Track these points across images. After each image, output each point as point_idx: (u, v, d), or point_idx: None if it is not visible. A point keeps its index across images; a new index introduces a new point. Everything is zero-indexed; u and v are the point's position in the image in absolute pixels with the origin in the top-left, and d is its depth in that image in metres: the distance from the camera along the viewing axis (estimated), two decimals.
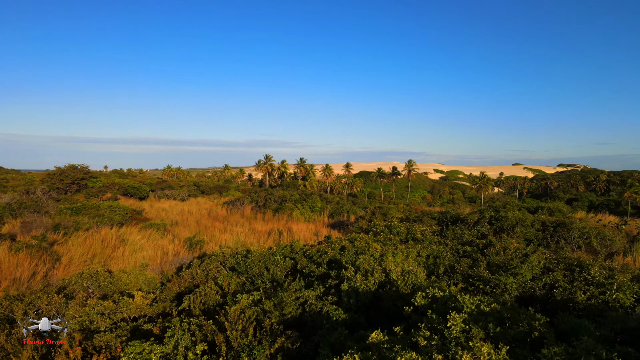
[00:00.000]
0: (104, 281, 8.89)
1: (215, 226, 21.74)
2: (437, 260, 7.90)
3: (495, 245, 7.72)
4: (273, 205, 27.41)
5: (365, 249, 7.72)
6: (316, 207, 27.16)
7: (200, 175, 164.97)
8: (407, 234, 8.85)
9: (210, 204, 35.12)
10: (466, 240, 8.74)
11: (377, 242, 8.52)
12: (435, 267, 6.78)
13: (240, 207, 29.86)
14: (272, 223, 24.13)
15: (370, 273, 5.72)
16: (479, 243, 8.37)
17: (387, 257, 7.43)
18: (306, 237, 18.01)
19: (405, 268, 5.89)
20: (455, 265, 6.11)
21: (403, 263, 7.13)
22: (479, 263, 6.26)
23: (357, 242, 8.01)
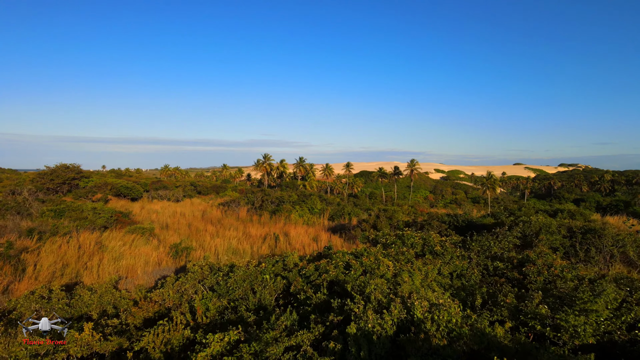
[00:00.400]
0: (59, 303, 7.39)
1: (207, 230, 20.23)
2: (462, 280, 6.40)
3: (536, 262, 6.23)
4: (270, 207, 25.90)
5: (375, 266, 6.22)
6: (315, 208, 25.66)
7: (199, 175, 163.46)
8: (424, 245, 7.36)
9: (205, 205, 33.61)
10: (495, 254, 7.26)
11: (388, 256, 7.02)
12: (466, 293, 5.29)
13: (236, 209, 28.34)
14: (269, 226, 22.62)
15: (386, 307, 4.26)
16: (513, 258, 6.87)
17: (402, 277, 5.92)
18: (304, 243, 16.50)
19: (431, 298, 4.41)
20: (499, 297, 4.65)
21: (424, 287, 5.63)
22: (531, 294, 4.76)
23: (365, 258, 6.50)
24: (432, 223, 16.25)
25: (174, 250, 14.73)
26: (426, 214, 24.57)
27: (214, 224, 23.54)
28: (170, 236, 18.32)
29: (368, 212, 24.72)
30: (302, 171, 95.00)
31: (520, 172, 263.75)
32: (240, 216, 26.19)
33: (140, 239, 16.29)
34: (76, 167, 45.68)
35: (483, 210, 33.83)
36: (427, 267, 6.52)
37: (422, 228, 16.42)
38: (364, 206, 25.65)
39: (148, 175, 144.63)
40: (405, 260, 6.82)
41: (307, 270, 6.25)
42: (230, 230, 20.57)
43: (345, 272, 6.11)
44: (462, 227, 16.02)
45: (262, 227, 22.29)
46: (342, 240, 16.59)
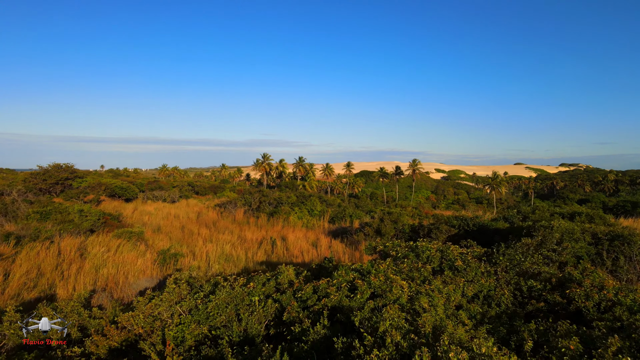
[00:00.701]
0: (10, 328, 6.24)
1: (201, 234, 19.10)
2: (493, 305, 5.28)
3: (582, 283, 5.08)
4: (268, 209, 24.76)
5: (386, 288, 5.10)
6: (315, 210, 24.52)
7: (199, 174, 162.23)
8: (442, 259, 6.23)
9: (201, 206, 32.47)
10: (527, 270, 6.12)
11: (400, 273, 5.88)
12: (507, 329, 4.17)
13: (233, 210, 27.21)
14: (266, 229, 21.49)
15: (408, 354, 3.16)
16: (550, 276, 5.73)
17: (420, 302, 4.78)
18: (303, 249, 15.35)
19: (464, 340, 3.30)
20: (559, 342, 3.51)
21: (450, 318, 4.51)
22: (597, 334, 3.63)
23: (373, 276, 5.36)
24: (441, 227, 15.12)
25: (161, 257, 13.59)
26: (431, 216, 23.45)
27: (208, 226, 22.42)
28: (161, 240, 17.19)
29: (370, 215, 23.57)
30: (301, 171, 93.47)
31: (521, 172, 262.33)
32: (237, 218, 25.06)
33: (126, 245, 15.14)
34: (70, 166, 44.57)
35: (488, 211, 32.66)
36: (449, 288, 5.40)
37: (429, 233, 15.29)
38: (366, 208, 24.51)
39: (147, 175, 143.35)
40: (421, 279, 5.69)
41: (304, 292, 5.12)
42: (225, 233, 19.44)
43: (350, 296, 5.00)
44: (473, 232, 14.88)
45: (259, 230, 21.16)
46: (344, 246, 15.44)
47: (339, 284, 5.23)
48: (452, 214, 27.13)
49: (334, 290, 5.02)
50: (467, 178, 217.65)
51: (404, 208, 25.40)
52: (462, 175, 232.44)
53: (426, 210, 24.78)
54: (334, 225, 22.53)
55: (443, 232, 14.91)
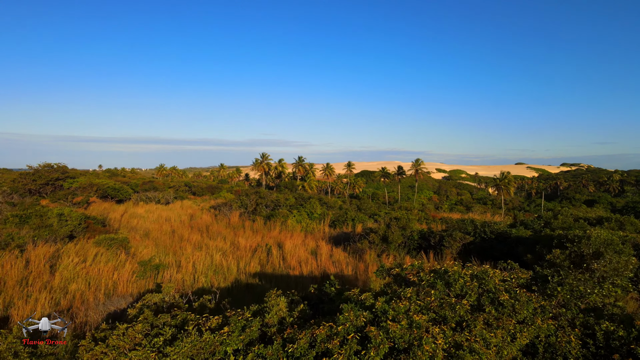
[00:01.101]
0: None
1: (191, 240, 17.58)
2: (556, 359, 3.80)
3: None
4: (264, 212, 23.27)
5: (412, 339, 3.61)
6: (315, 213, 23.03)
7: (197, 174, 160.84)
8: (480, 289, 4.72)
9: (195, 208, 30.96)
10: (595, 305, 4.62)
11: (427, 310, 4.38)
12: None
13: (228, 213, 25.72)
14: (262, 234, 19.99)
15: None
16: (629, 317, 4.25)
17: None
18: (301, 258, 13.84)
19: None
20: None
21: None
22: None
23: (392, 322, 3.86)
24: (454, 235, 13.60)
25: (141, 270, 12.09)
26: (439, 220, 21.94)
27: (201, 231, 20.92)
28: (146, 248, 15.67)
29: (374, 218, 22.06)
30: (301, 171, 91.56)
31: (522, 171, 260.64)
32: (232, 222, 23.56)
33: (105, 254, 13.62)
34: (61, 166, 43.11)
35: (496, 214, 31.17)
36: (496, 334, 3.93)
37: (441, 241, 13.78)
38: (369, 211, 23.01)
39: (145, 174, 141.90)
40: (456, 319, 4.21)
41: (298, 347, 3.64)
42: (217, 239, 17.94)
43: (361, 353, 3.51)
44: (490, 240, 13.36)
45: (255, 235, 19.66)
46: (346, 255, 13.93)
47: (345, 333, 3.74)
48: (460, 217, 25.62)
49: (337, 345, 3.54)
50: (468, 178, 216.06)
51: (410, 211, 23.88)
52: (463, 175, 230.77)
53: (433, 213, 23.27)
54: (335, 230, 21.03)
55: (457, 239, 13.41)
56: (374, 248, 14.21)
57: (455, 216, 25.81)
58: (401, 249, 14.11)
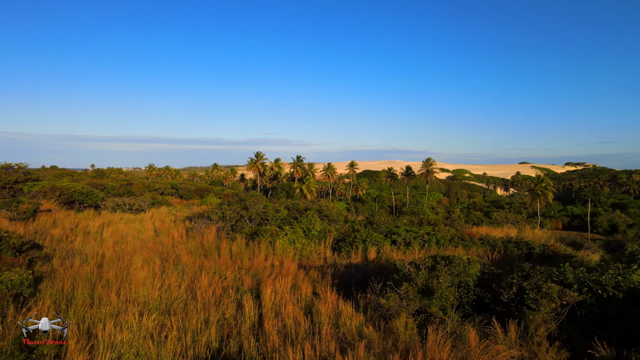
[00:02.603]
0: None
1: (133, 278, 12.13)
2: None
3: None
4: (247, 228, 17.90)
5: None
6: (314, 230, 17.66)
7: (193, 174, 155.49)
8: None
9: (168, 219, 25.55)
10: None
11: None
12: None
13: (204, 227, 20.32)
14: (240, 263, 14.55)
15: None
16: None
17: None
18: (289, 324, 8.42)
19: None
20: None
21: None
22: None
23: None
24: (546, 288, 8.16)
25: None
26: (479, 241, 16.53)
27: (160, 256, 15.49)
28: (44, 298, 10.19)
29: (391, 238, 16.62)
30: (299, 172, 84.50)
31: (527, 171, 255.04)
32: (205, 241, 18.14)
33: None
34: (22, 167, 37.57)
35: (537, 228, 25.82)
36: None
37: (520, 297, 8.38)
38: (383, 226, 17.64)
39: (139, 174, 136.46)
40: None
41: None
42: (172, 274, 12.52)
43: None
44: (613, 300, 7.90)
45: (229, 266, 14.23)
46: (363, 320, 8.50)
47: None
48: (503, 235, 20.20)
49: None
50: (472, 178, 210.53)
51: (436, 225, 18.49)
52: (466, 174, 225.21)
53: (468, 231, 17.84)
54: (340, 257, 15.65)
55: (552, 297, 7.95)
56: (408, 305, 8.73)
57: (495, 232, 20.39)
58: (452, 310, 8.59)
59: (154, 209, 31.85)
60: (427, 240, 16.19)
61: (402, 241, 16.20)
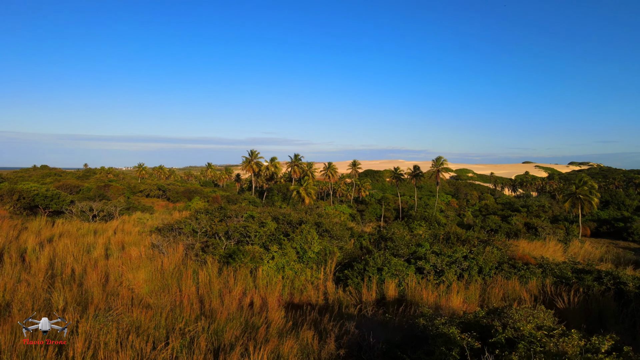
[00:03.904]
0: None
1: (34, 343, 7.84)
2: None
3: None
4: (222, 248, 13.54)
5: None
6: (310, 251, 13.29)
7: (188, 174, 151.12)
8: None
9: (135, 230, 21.18)
10: None
11: None
12: None
13: (172, 242, 15.92)
14: (208, 304, 10.21)
15: None
16: None
17: None
18: None
19: None
20: None
21: None
22: None
23: None
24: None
25: None
26: (537, 268, 12.12)
27: (97, 290, 11.18)
28: None
29: (417, 265, 12.16)
30: (297, 172, 78.96)
31: (531, 171, 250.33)
32: (167, 265, 13.80)
33: None
34: None
35: (587, 244, 21.42)
36: None
37: None
38: (404, 246, 13.27)
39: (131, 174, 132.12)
40: None
41: None
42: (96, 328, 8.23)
43: None
44: None
45: (190, 307, 9.92)
46: None
47: None
48: (555, 256, 15.85)
49: None
50: (476, 177, 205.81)
51: (471, 244, 14.12)
52: (470, 174, 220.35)
53: (519, 253, 13.43)
54: (345, 293, 11.27)
55: None
56: None
57: (539, 249, 15.98)
58: None
59: (126, 215, 27.46)
60: (466, 269, 11.77)
61: (431, 269, 11.77)
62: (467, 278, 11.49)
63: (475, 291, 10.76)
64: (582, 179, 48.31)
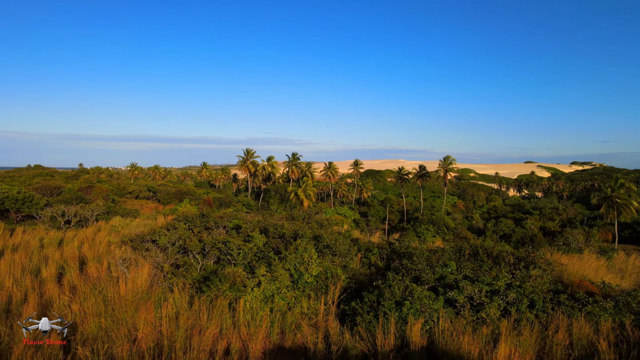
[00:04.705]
0: None
1: None
2: None
3: None
4: (195, 270, 10.77)
5: None
6: (307, 274, 10.56)
7: (185, 173, 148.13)
8: None
9: (107, 240, 18.45)
10: None
11: None
12: None
13: (149, 253, 13.16)
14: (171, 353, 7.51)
15: None
16: None
17: None
18: None
19: None
20: None
21: None
22: None
23: None
24: None
25: None
26: (604, 298, 9.31)
27: None
28: None
29: (447, 297, 9.36)
30: (295, 172, 75.54)
31: (534, 171, 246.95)
32: (124, 292, 11.09)
33: None
34: None
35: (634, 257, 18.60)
36: None
37: None
38: (427, 270, 10.43)
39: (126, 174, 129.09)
40: None
41: None
42: None
43: None
44: None
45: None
46: None
47: None
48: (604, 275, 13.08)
49: None
50: (478, 177, 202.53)
51: (511, 265, 11.39)
52: (471, 174, 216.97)
53: (577, 280, 10.62)
54: (353, 336, 8.50)
55: None
56: None
57: (590, 270, 13.23)
58: None
59: (103, 221, 24.64)
60: (512, 302, 8.97)
61: (466, 301, 8.99)
62: (514, 315, 8.69)
63: (530, 336, 7.97)
64: (618, 180, 44.08)
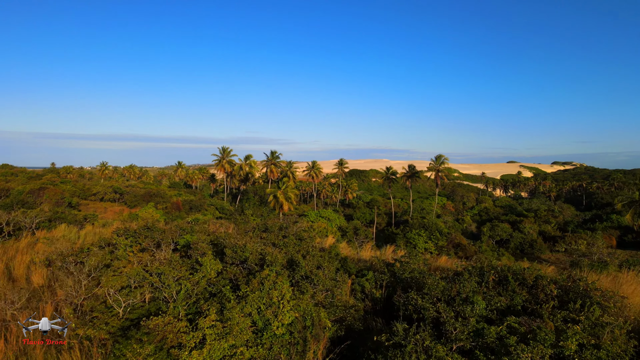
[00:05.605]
0: None
1: None
2: None
3: None
4: (113, 318, 7.15)
5: None
6: (277, 322, 7.06)
7: (161, 173, 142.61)
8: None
9: (28, 260, 14.88)
10: None
11: None
12: None
13: (63, 281, 9.66)
14: None
15: None
16: None
17: None
18: None
19: None
20: None
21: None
22: None
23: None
24: None
25: None
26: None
27: None
28: None
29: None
30: (275, 172, 69.44)
31: (516, 171, 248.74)
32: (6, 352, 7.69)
33: None
34: None
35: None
36: None
37: None
38: (454, 325, 7.18)
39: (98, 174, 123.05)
40: None
41: None
42: None
43: None
44: None
45: None
46: None
47: None
48: None
49: None
50: (462, 177, 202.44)
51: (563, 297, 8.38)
52: (456, 174, 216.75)
53: None
54: None
55: None
56: None
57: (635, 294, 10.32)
58: None
59: (45, 230, 20.77)
60: None
61: None
62: None
63: None
64: None
